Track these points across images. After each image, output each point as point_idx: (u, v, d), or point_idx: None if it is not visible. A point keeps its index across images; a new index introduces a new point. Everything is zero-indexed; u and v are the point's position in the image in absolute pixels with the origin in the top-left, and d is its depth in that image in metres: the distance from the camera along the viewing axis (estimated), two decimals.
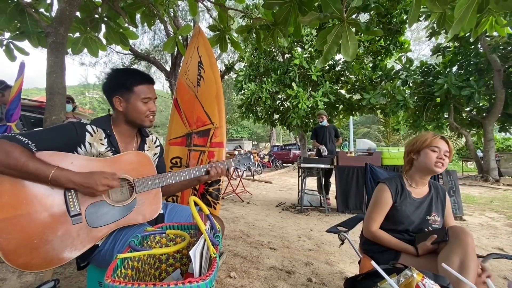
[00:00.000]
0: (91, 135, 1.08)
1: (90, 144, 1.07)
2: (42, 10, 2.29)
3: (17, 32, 2.31)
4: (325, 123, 4.75)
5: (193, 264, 0.66)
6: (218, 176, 1.31)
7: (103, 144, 1.10)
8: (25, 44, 2.40)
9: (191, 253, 0.67)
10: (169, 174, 1.17)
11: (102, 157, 1.07)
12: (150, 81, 1.19)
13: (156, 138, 1.39)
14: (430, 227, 1.27)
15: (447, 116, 8.43)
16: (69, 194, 0.96)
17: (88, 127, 1.09)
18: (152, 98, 1.18)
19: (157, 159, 1.34)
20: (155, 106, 1.21)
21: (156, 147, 1.35)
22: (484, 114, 8.37)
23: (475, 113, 8.62)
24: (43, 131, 1.02)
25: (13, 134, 0.92)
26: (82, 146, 1.05)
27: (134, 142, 1.25)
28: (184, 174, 1.21)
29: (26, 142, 0.92)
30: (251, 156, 1.45)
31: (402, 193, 1.30)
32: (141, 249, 0.78)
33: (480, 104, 8.20)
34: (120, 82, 1.13)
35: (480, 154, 9.74)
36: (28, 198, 0.91)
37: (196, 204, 0.86)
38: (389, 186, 1.31)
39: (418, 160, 1.29)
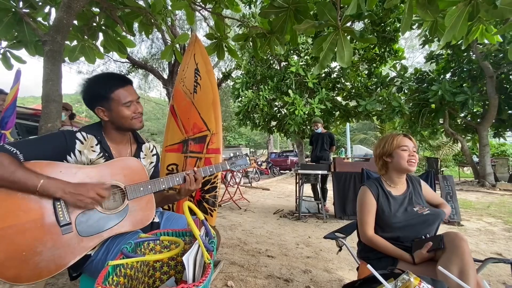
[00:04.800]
0: (81, 143, 1.06)
1: (80, 152, 1.05)
2: (39, 19, 2.31)
3: (14, 41, 2.31)
4: (320, 130, 4.79)
5: (187, 270, 0.65)
6: (196, 185, 1.21)
7: (94, 151, 1.08)
8: (22, 53, 2.41)
9: (184, 259, 0.66)
10: (161, 179, 1.13)
11: (94, 165, 1.05)
12: (126, 81, 1.13)
13: (154, 146, 1.35)
14: (422, 217, 1.26)
15: (442, 122, 8.52)
16: (58, 203, 0.93)
17: (78, 135, 1.07)
18: (134, 100, 1.13)
19: (153, 168, 1.31)
20: (141, 106, 1.16)
21: (153, 155, 1.32)
22: (478, 120, 8.49)
23: (469, 119, 8.74)
24: (31, 140, 1.00)
25: (0, 144, 0.92)
26: (72, 155, 1.04)
27: (128, 148, 1.22)
28: (177, 179, 1.17)
29: (14, 151, 0.91)
30: (247, 158, 1.42)
31: (383, 193, 1.34)
32: (134, 255, 0.77)
33: (474, 110, 8.32)
34: (97, 92, 1.09)
35: (476, 159, 9.81)
36: (15, 209, 0.88)
37: (191, 210, 0.85)
38: (369, 187, 1.35)
39: (392, 162, 1.34)
